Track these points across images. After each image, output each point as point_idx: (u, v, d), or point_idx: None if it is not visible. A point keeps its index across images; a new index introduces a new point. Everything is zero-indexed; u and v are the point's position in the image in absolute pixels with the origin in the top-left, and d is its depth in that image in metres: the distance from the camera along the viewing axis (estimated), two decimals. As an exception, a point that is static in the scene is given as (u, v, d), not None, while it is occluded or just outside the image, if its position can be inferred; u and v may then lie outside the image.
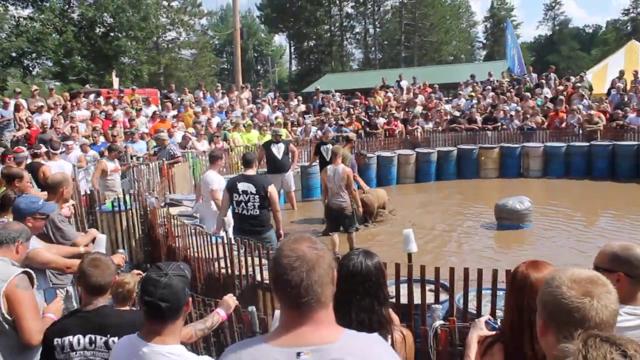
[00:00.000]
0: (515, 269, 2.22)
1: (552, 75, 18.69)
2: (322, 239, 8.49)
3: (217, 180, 7.05)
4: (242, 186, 6.13)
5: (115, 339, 2.40)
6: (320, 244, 1.62)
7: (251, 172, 6.33)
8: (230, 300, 3.18)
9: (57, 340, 2.49)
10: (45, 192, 4.74)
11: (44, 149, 9.23)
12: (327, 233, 8.17)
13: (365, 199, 9.70)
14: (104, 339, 2.46)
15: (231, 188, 6.22)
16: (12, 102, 13.66)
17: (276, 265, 1.58)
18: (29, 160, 8.67)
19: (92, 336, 2.47)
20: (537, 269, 2.12)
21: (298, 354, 1.50)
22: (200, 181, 7.49)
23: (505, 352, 2.08)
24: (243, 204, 6.11)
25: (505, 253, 8.08)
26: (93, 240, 4.39)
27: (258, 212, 6.11)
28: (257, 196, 6.07)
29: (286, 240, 1.63)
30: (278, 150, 10.94)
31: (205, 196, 7.25)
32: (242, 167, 7.32)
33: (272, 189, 6.17)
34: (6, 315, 2.78)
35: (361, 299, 2.31)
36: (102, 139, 12.22)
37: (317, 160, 11.85)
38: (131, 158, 11.13)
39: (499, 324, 2.62)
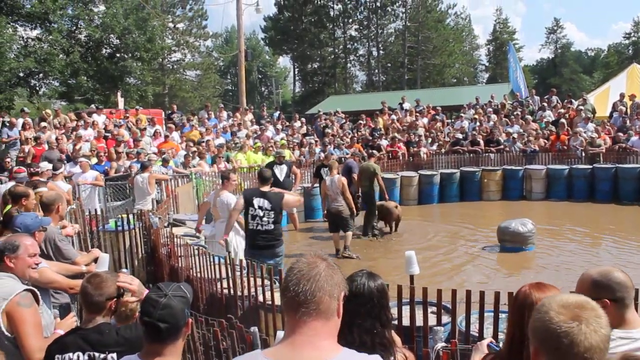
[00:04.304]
0: (519, 289, 2.23)
1: (554, 98, 18.81)
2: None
3: (235, 200, 6.94)
4: (257, 201, 6.30)
5: (114, 355, 2.42)
6: (335, 265, 1.71)
7: (266, 189, 6.50)
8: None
9: (57, 357, 2.50)
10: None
11: (46, 168, 9.27)
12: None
13: (387, 205, 10.76)
14: (102, 355, 2.47)
15: (248, 200, 6.35)
16: (20, 121, 13.79)
17: (288, 270, 1.68)
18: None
19: (91, 353, 2.48)
20: (540, 290, 2.13)
21: None
22: (212, 202, 7.37)
23: None
24: (258, 218, 6.26)
25: (507, 276, 8.06)
26: (96, 260, 4.41)
27: (272, 227, 6.31)
28: (273, 212, 6.28)
29: (305, 255, 1.73)
30: (280, 172, 10.98)
31: (223, 217, 7.11)
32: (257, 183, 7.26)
33: (285, 199, 6.45)
34: (6, 333, 2.79)
35: (364, 320, 2.31)
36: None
37: (318, 183, 11.91)
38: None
39: (501, 346, 2.62)
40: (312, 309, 1.58)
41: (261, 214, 6.26)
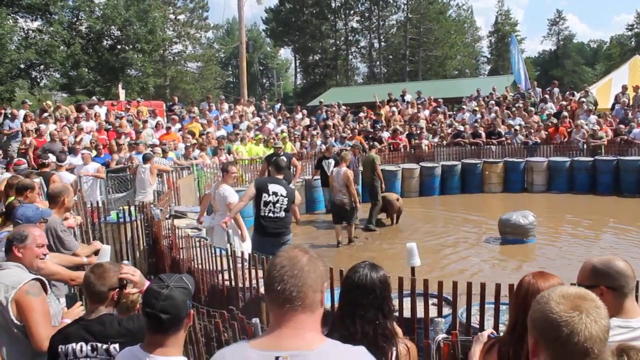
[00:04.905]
0: (522, 278, 2.26)
1: (556, 90, 18.76)
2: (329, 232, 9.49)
3: (234, 194, 6.91)
4: (273, 187, 6.37)
5: (117, 346, 2.44)
6: (316, 257, 1.69)
7: (280, 177, 6.63)
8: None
9: (61, 348, 2.52)
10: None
11: (51, 159, 9.30)
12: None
13: (388, 197, 10.92)
14: (105, 346, 2.49)
15: (261, 187, 6.39)
16: (22, 112, 13.77)
17: (270, 264, 1.67)
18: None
19: (94, 344, 2.50)
20: (544, 278, 2.18)
21: (276, 358, 1.54)
22: (212, 194, 7.32)
23: (500, 354, 2.13)
24: (271, 204, 6.32)
25: (508, 267, 8.07)
26: (97, 252, 4.42)
27: (283, 215, 6.38)
28: (287, 199, 6.37)
29: (285, 248, 1.72)
30: (279, 164, 10.99)
31: (221, 210, 7.04)
32: (273, 171, 7.25)
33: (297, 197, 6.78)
34: (15, 321, 2.83)
35: (366, 311, 2.33)
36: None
37: (319, 175, 11.92)
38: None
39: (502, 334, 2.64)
40: (298, 304, 1.59)
41: (274, 199, 6.31)
